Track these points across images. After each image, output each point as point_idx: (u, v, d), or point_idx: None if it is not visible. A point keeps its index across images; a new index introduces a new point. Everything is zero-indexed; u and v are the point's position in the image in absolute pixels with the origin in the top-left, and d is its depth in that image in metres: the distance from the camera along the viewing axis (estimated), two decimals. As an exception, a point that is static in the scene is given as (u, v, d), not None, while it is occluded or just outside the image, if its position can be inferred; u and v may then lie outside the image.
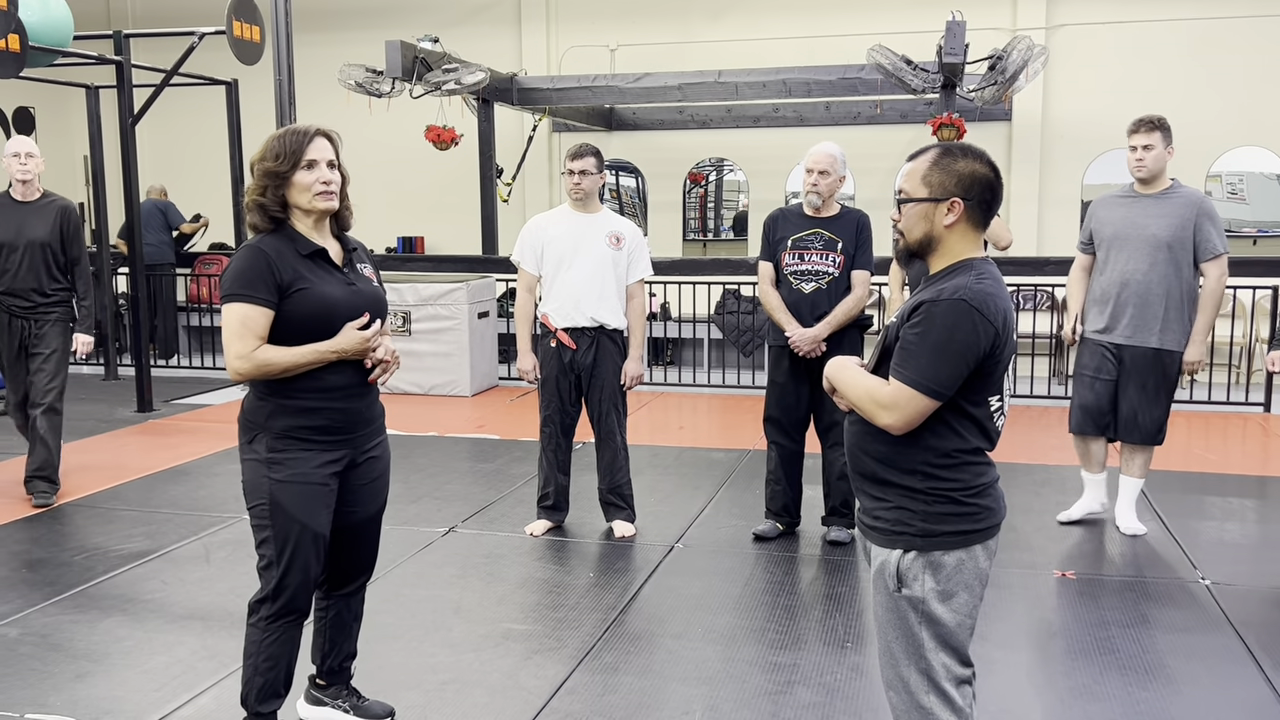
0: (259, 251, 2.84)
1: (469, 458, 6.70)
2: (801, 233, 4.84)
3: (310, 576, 2.97)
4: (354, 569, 3.19)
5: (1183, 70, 11.16)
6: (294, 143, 2.87)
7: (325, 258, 2.94)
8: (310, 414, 2.90)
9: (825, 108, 12.02)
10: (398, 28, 11.47)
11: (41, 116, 14.39)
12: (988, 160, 2.40)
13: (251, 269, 2.81)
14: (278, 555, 2.91)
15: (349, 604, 3.24)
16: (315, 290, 2.87)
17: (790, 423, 4.96)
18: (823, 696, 3.48)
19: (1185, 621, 4.09)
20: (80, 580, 4.53)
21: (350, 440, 2.99)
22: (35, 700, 3.46)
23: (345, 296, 2.93)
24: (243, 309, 2.80)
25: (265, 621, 2.96)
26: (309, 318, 2.86)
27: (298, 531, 2.90)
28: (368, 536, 3.17)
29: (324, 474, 2.94)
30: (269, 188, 2.87)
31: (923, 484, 2.35)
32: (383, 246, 13.73)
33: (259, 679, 2.98)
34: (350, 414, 2.97)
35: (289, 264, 2.85)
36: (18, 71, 6.73)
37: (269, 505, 2.89)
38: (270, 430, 2.89)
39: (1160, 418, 4.96)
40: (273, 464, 2.89)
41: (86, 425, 7.61)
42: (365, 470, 3.06)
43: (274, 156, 2.86)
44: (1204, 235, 4.79)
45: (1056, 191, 11.81)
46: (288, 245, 2.89)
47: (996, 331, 2.29)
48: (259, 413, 2.91)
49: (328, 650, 3.24)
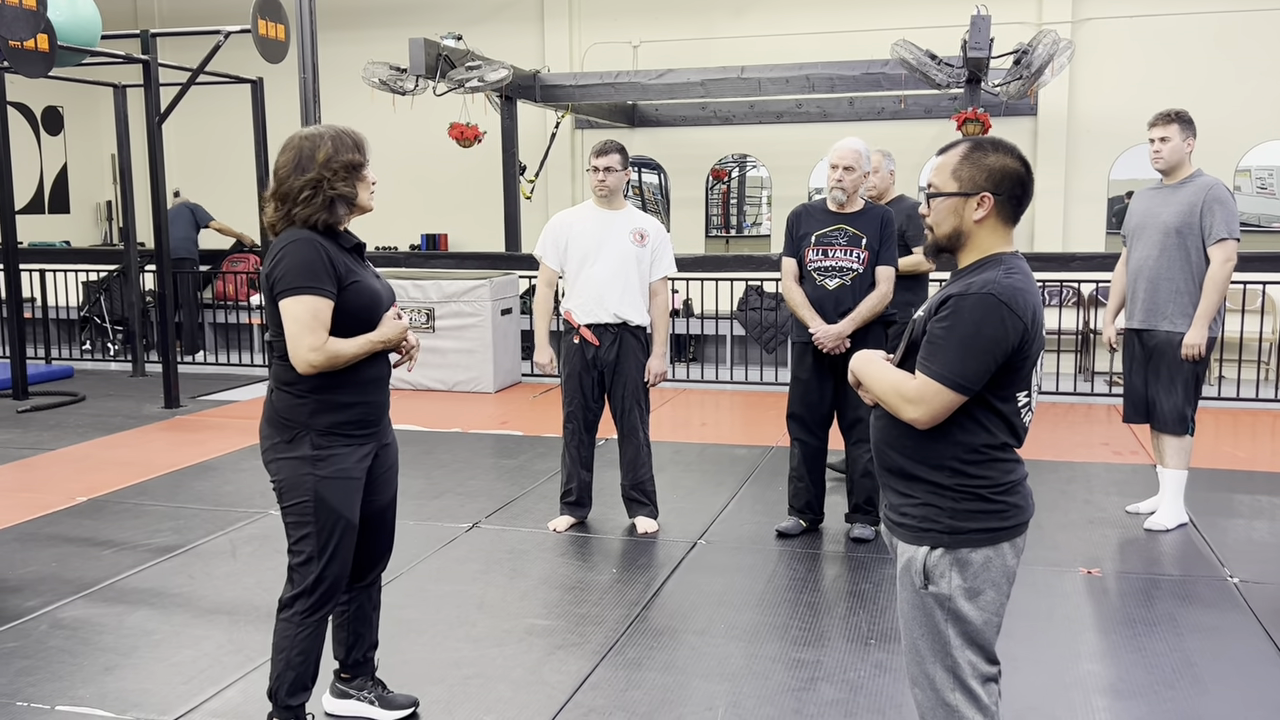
0: (316, 244, 2.87)
1: (492, 454, 6.72)
2: (825, 229, 4.82)
3: (346, 570, 3.03)
4: (373, 558, 3.22)
5: (1210, 64, 11.05)
6: (360, 140, 2.96)
7: (361, 252, 3.03)
8: (350, 409, 2.96)
9: (849, 103, 11.97)
10: (421, 25, 11.50)
11: (70, 115, 14.54)
12: (1019, 155, 2.38)
13: (315, 261, 2.85)
14: (319, 550, 2.95)
15: (369, 594, 3.27)
16: (365, 283, 2.96)
17: (814, 419, 4.95)
18: (846, 693, 3.47)
19: (1213, 620, 4.05)
20: (108, 575, 4.57)
21: (378, 432, 3.08)
22: (65, 692, 3.50)
23: (380, 289, 3.03)
24: (313, 301, 2.83)
25: (301, 616, 2.98)
26: (361, 309, 2.93)
27: (341, 526, 2.96)
28: (385, 523, 3.21)
29: (362, 468, 3.01)
30: (348, 180, 2.92)
31: (950, 480, 2.34)
32: (407, 243, 13.79)
33: (290, 673, 3.00)
34: (380, 406, 3.06)
35: (339, 258, 2.91)
36: (47, 71, 6.80)
37: (313, 502, 2.93)
38: (314, 428, 2.92)
39: (1179, 405, 4.96)
40: (318, 460, 2.92)
41: (114, 421, 7.68)
42: (384, 458, 3.13)
43: (353, 149, 2.92)
44: (1210, 220, 4.82)
45: (1082, 187, 11.72)
46: (333, 241, 2.94)
47: (1025, 326, 2.27)
48: (299, 411, 2.92)
49: (352, 643, 3.27)
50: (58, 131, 14.50)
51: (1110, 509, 5.40)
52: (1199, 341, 4.86)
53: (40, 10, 6.01)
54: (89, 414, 7.96)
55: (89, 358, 10.75)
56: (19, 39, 6.12)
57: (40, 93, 13.21)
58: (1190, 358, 4.88)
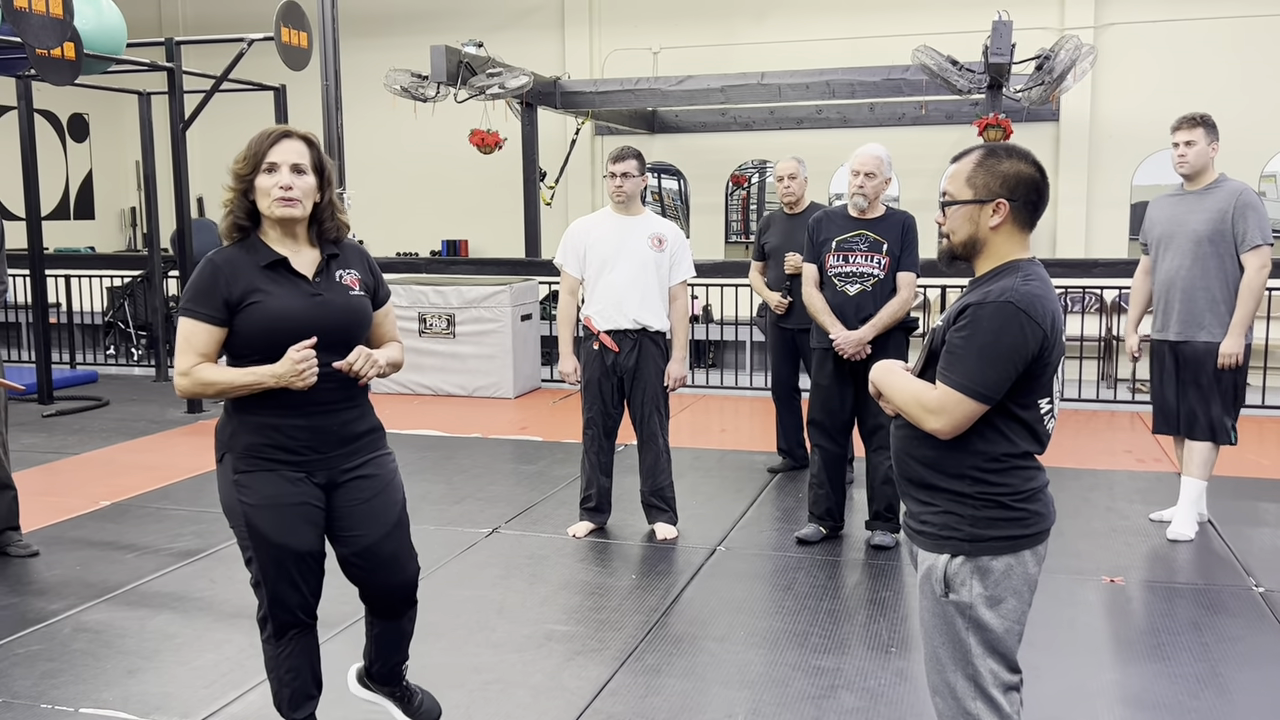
0: (211, 265, 2.70)
1: (512, 459, 6.73)
2: (846, 234, 4.81)
3: (304, 591, 2.83)
4: (386, 595, 2.96)
5: (1233, 68, 10.97)
6: (258, 144, 2.69)
7: (287, 267, 2.72)
8: (270, 431, 2.71)
9: (869, 109, 11.95)
10: (442, 33, 11.57)
11: (95, 123, 14.69)
12: (1033, 160, 2.37)
13: (201, 283, 2.68)
14: (263, 575, 2.78)
15: (397, 625, 3.04)
16: (268, 304, 2.68)
17: (834, 426, 4.94)
18: (866, 701, 3.46)
19: (1238, 629, 4.01)
20: (131, 578, 4.60)
21: (323, 460, 2.77)
22: (88, 695, 3.52)
23: (305, 309, 2.70)
24: (187, 324, 2.70)
25: (274, 638, 2.87)
26: (262, 333, 2.68)
27: (277, 554, 2.75)
28: (385, 562, 2.90)
29: (298, 494, 2.75)
30: (235, 192, 2.71)
31: (971, 488, 2.33)
32: (427, 249, 13.85)
33: (286, 690, 2.92)
34: (317, 431, 2.75)
35: (245, 277, 2.68)
36: (73, 78, 6.87)
37: (246, 528, 2.75)
38: (234, 450, 2.75)
39: (1219, 414, 4.89)
40: (240, 486, 2.74)
41: (138, 426, 7.74)
42: (352, 491, 2.82)
43: (241, 159, 2.70)
44: (1242, 226, 4.74)
45: (1105, 193, 11.66)
46: (247, 256, 2.71)
47: (1044, 333, 2.26)
48: (224, 430, 2.77)
49: (374, 657, 3.11)
50: (83, 138, 14.65)
51: (1133, 517, 5.36)
52: (1236, 350, 4.79)
53: (67, 19, 6.07)
54: (113, 418, 8.03)
55: (113, 362, 10.85)
56: (46, 47, 6.19)
57: (66, 100, 13.35)
58: (1227, 366, 4.82)
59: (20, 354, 10.73)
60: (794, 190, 6.05)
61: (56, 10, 5.99)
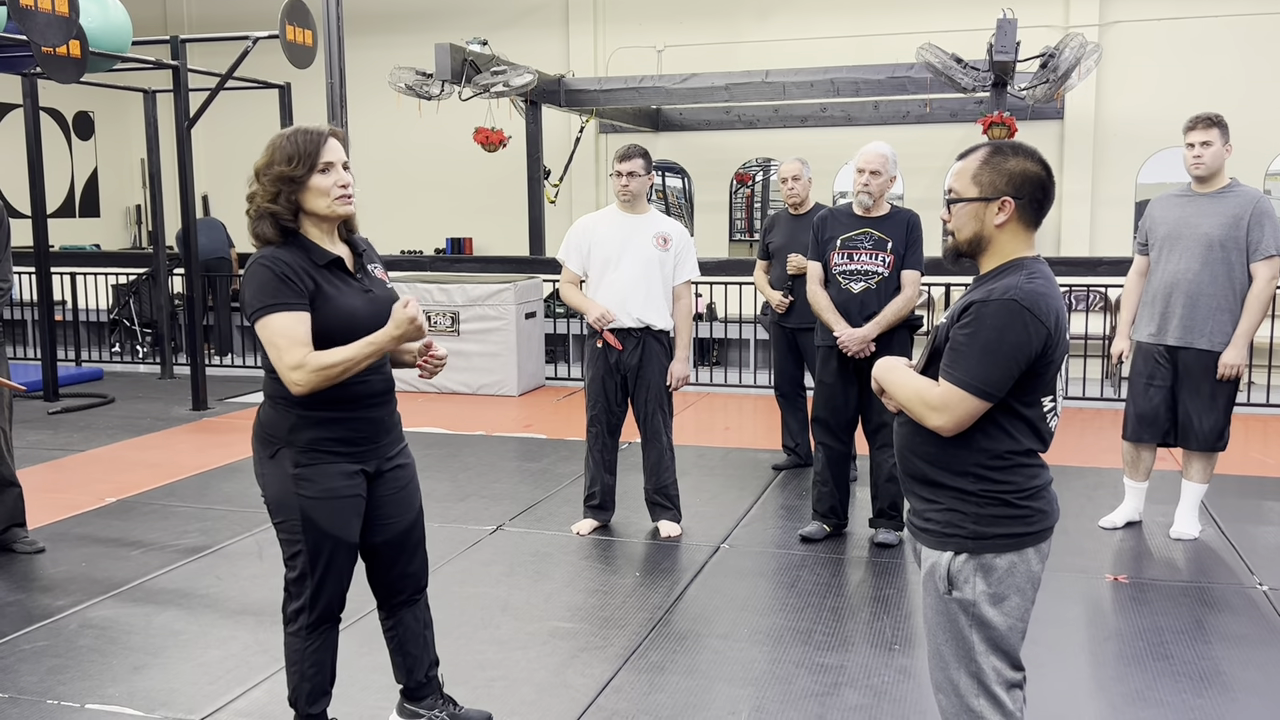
0: (276, 261, 2.67)
1: (516, 457, 6.74)
2: (851, 232, 4.82)
3: (345, 585, 2.91)
4: (404, 582, 3.06)
5: (1238, 67, 10.95)
6: (308, 145, 2.68)
7: (342, 267, 2.78)
8: (334, 425, 2.77)
9: (874, 107, 11.94)
10: (447, 31, 11.58)
11: (100, 120, 14.71)
12: (1039, 158, 2.37)
13: (272, 279, 2.65)
14: (311, 568, 2.83)
15: (414, 612, 3.11)
16: (339, 302, 2.72)
17: (838, 424, 4.94)
18: (870, 699, 3.47)
19: (1242, 628, 4.01)
20: (137, 575, 4.62)
21: (375, 450, 2.88)
22: (94, 691, 3.54)
23: (365, 306, 2.77)
24: (280, 319, 2.63)
25: (306, 630, 2.89)
26: (334, 331, 2.69)
27: (331, 545, 2.82)
28: (410, 547, 3.04)
29: (353, 486, 2.83)
30: (281, 194, 2.68)
31: (974, 486, 2.33)
32: (431, 247, 13.87)
33: (306, 684, 2.94)
34: (373, 423, 2.86)
35: (308, 275, 2.69)
36: (79, 76, 6.88)
37: (300, 521, 2.78)
38: (294, 444, 2.76)
39: (1219, 423, 4.82)
40: (300, 480, 2.76)
41: (143, 423, 7.76)
42: (392, 480, 2.94)
43: (286, 160, 2.67)
44: (1258, 234, 4.63)
45: (1109, 191, 11.65)
46: (301, 256, 2.71)
47: (1048, 331, 2.27)
48: (279, 426, 2.78)
49: (410, 667, 3.12)
50: (89, 136, 14.68)
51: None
52: (1239, 362, 4.69)
53: (72, 17, 6.08)
54: (118, 416, 8.05)
55: (118, 360, 10.87)
56: (52, 45, 6.20)
57: (71, 98, 13.37)
58: (1226, 377, 4.73)
59: (26, 351, 10.76)
60: (797, 191, 6.05)
61: (62, 8, 6.00)
